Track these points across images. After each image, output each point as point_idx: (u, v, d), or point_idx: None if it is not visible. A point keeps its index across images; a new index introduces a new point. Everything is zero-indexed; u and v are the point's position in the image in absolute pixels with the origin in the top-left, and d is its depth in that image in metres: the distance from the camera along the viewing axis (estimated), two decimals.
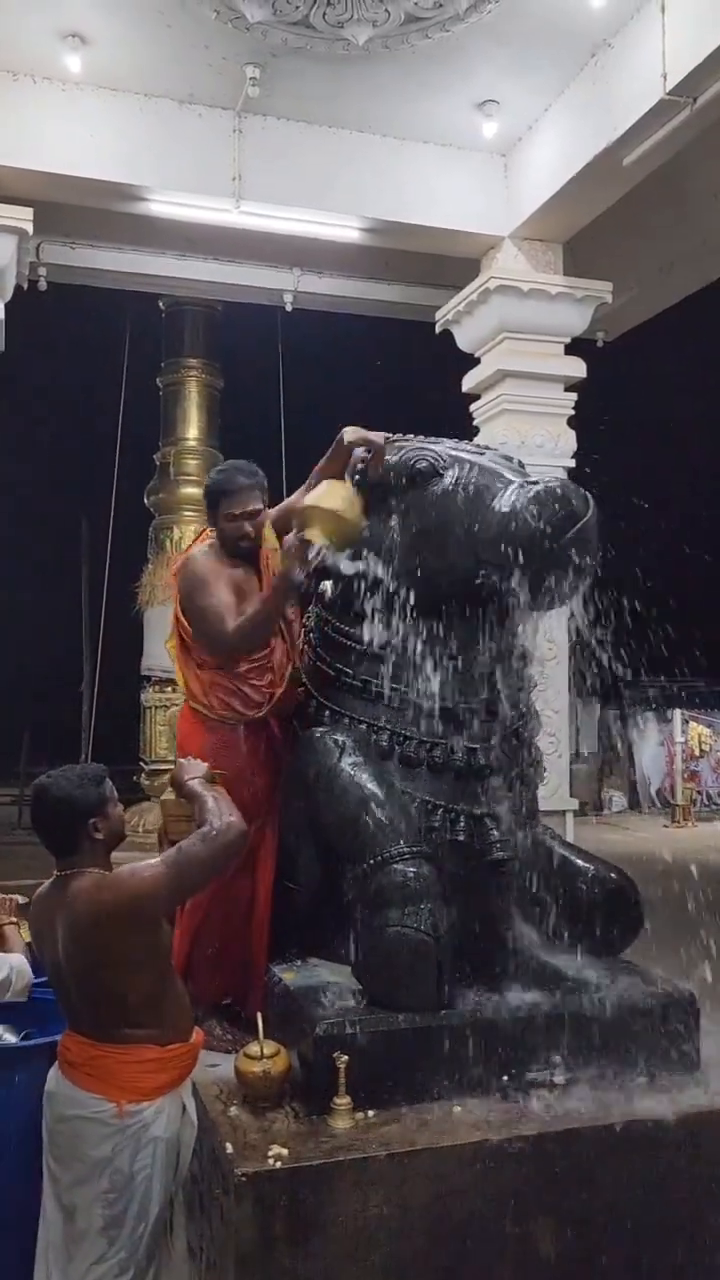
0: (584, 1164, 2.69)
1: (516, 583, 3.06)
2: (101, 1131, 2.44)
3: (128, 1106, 2.44)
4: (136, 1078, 2.47)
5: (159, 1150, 2.46)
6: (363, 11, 4.69)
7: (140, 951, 2.48)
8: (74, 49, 5.09)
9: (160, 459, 9.21)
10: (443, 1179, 2.57)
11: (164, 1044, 2.50)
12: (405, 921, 2.85)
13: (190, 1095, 2.61)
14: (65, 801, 2.58)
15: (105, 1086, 2.47)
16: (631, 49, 4.90)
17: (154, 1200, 2.46)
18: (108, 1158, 2.43)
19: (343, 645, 3.40)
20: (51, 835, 2.63)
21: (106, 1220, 2.44)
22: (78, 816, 2.58)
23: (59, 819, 2.59)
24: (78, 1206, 2.46)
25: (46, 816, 2.61)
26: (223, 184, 5.66)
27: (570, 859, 3.37)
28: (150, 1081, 2.47)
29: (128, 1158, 2.43)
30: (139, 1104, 2.45)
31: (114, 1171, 2.43)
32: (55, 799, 2.59)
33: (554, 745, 5.99)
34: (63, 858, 2.61)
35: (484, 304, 6.13)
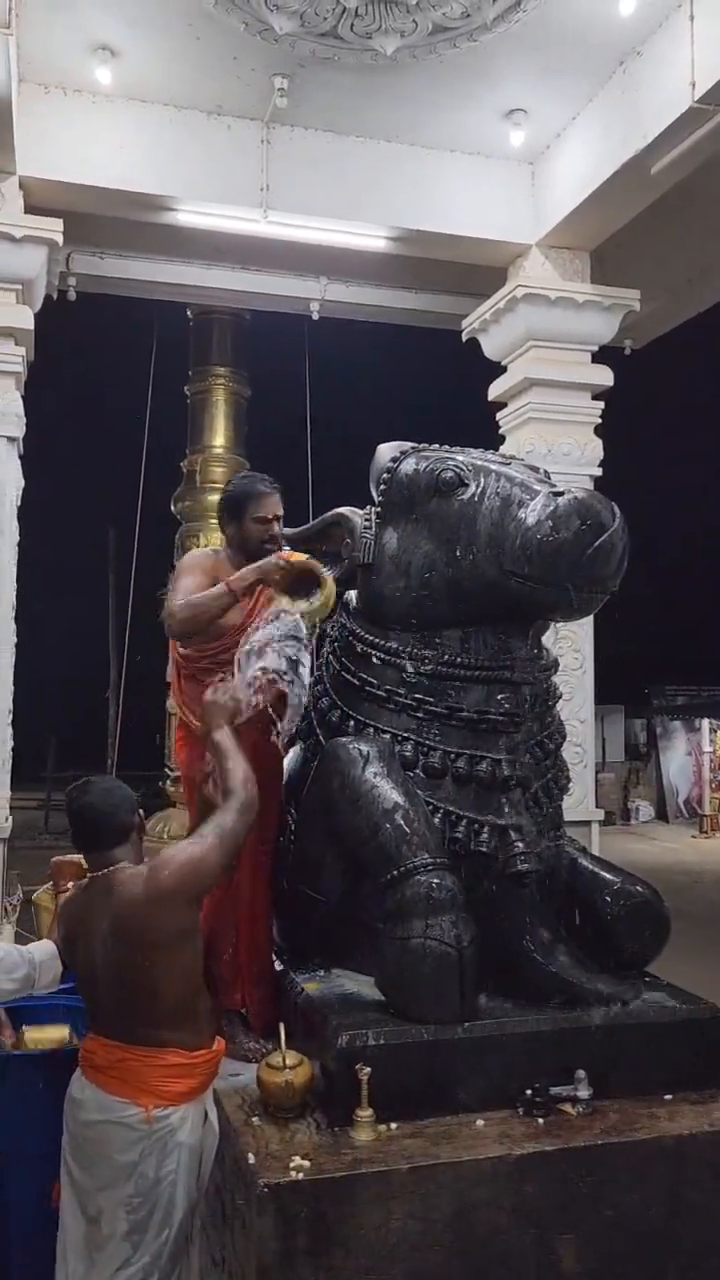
0: (608, 1180, 2.66)
1: (542, 593, 3.06)
2: (129, 1136, 2.45)
3: (155, 1111, 2.45)
4: (164, 1082, 2.48)
5: (184, 1156, 2.47)
6: (391, 22, 4.71)
7: (183, 937, 2.51)
8: (104, 61, 5.15)
9: (187, 466, 9.26)
10: (465, 1193, 2.56)
11: (191, 1049, 2.51)
12: (429, 933, 2.83)
13: (212, 1103, 2.61)
14: (104, 806, 2.62)
15: (133, 1091, 2.49)
16: (660, 57, 4.88)
17: (178, 1206, 2.47)
18: (134, 1163, 2.44)
19: (366, 654, 3.39)
20: (88, 839, 2.65)
21: (131, 1225, 2.44)
22: (114, 821, 2.61)
23: (96, 823, 2.62)
24: (103, 1211, 2.47)
25: (85, 820, 2.64)
26: (251, 194, 5.69)
27: (596, 871, 3.34)
28: (177, 1086, 2.48)
29: (154, 1163, 2.44)
30: (166, 1109, 2.46)
31: (139, 1177, 2.44)
32: (98, 798, 2.64)
33: (579, 755, 5.96)
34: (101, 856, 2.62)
35: (511, 312, 6.13)
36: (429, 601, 3.27)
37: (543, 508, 3.02)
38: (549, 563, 2.98)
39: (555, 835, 3.32)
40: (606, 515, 2.98)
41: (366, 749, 3.19)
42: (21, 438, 5.55)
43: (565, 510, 2.98)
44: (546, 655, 3.40)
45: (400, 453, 3.47)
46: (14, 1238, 3.01)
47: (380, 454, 3.53)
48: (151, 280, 6.78)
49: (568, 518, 2.96)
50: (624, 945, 3.20)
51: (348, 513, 3.60)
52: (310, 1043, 2.92)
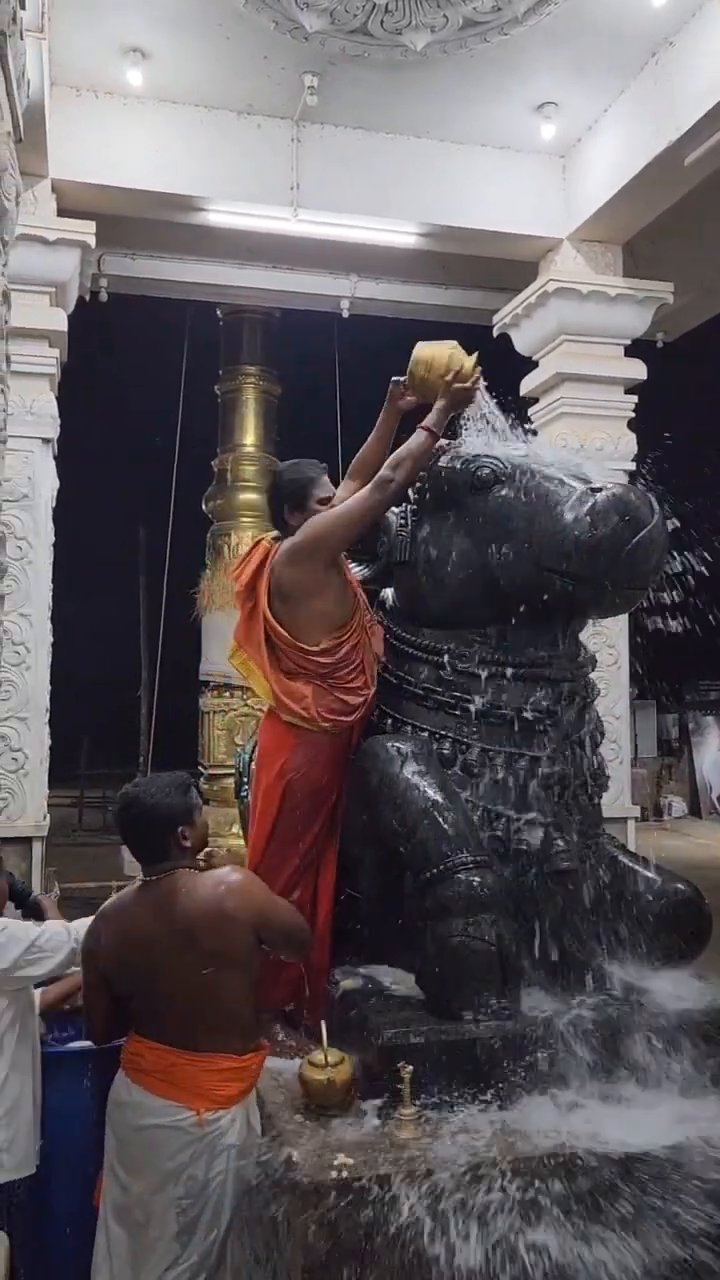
0: (654, 1177, 2.64)
1: (581, 590, 3.04)
2: (180, 1140, 2.47)
3: (206, 1115, 2.47)
4: (216, 1086, 2.50)
5: (232, 1157, 2.50)
6: (421, 17, 4.69)
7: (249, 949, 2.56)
8: (135, 63, 5.17)
9: (218, 465, 9.29)
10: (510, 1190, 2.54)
11: (240, 1054, 2.54)
12: (469, 931, 2.83)
13: (254, 1105, 2.63)
14: (155, 810, 2.63)
15: (184, 1094, 2.50)
16: (693, 47, 4.83)
17: (226, 1207, 2.49)
18: (184, 1165, 2.46)
19: (404, 652, 3.40)
20: (141, 843, 2.67)
21: (181, 1226, 2.46)
22: (167, 825, 2.62)
23: (149, 827, 2.64)
24: (152, 1215, 2.48)
25: (136, 825, 2.66)
26: (281, 193, 5.70)
27: (636, 869, 3.32)
28: (228, 1090, 2.51)
29: (204, 1165, 2.46)
30: (216, 1112, 2.48)
31: (190, 1179, 2.46)
32: (145, 808, 2.64)
33: (615, 752, 5.92)
34: (152, 865, 2.64)
35: (542, 307, 6.09)
36: (466, 599, 3.26)
37: (581, 503, 3.01)
38: (587, 559, 2.97)
39: (595, 833, 3.31)
40: (646, 511, 2.96)
41: (405, 747, 3.19)
42: (55, 439, 5.59)
43: (604, 506, 2.96)
44: (584, 652, 3.38)
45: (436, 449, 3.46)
46: (58, 1231, 3.04)
47: None
48: (182, 280, 6.79)
49: (606, 513, 2.95)
50: (666, 942, 3.17)
51: None
52: (351, 1040, 2.92)
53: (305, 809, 3.30)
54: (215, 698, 9.05)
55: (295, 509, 3.44)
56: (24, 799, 5.25)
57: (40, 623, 5.42)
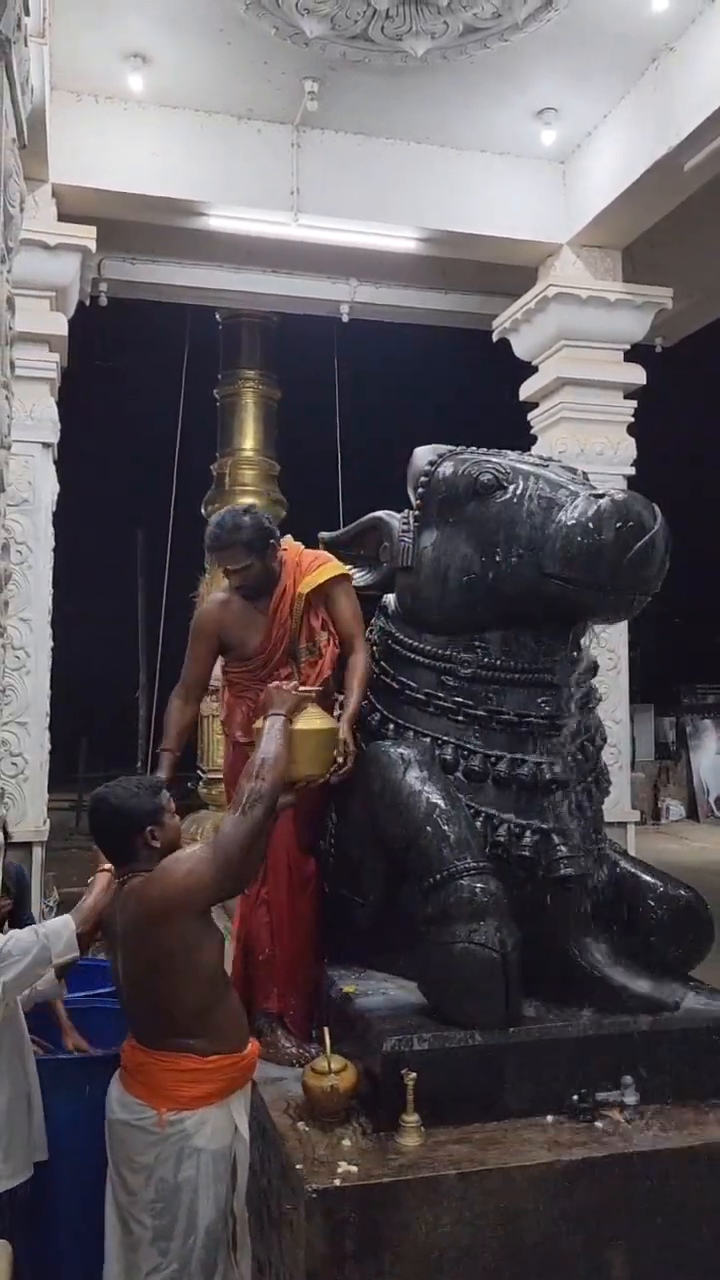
0: (658, 1187, 2.65)
1: (583, 596, 3.04)
2: (145, 1139, 2.47)
3: (167, 1115, 2.46)
4: (176, 1086, 2.48)
5: (204, 1161, 2.46)
6: (421, 24, 4.69)
7: (188, 948, 2.49)
8: (135, 68, 5.17)
9: (217, 470, 9.28)
10: (513, 1199, 2.55)
11: (203, 1054, 2.49)
12: (472, 937, 2.83)
13: (242, 1109, 2.59)
14: (122, 811, 2.64)
15: (149, 1093, 2.51)
16: (693, 53, 4.84)
17: (201, 1213, 2.46)
18: (151, 1166, 2.46)
19: (406, 658, 3.40)
20: (109, 843, 2.70)
21: (156, 1231, 2.46)
22: (134, 825, 2.63)
23: (116, 827, 2.65)
24: (132, 1214, 2.49)
25: (105, 825, 2.68)
26: (281, 198, 5.70)
27: (638, 874, 3.32)
28: (191, 1091, 2.48)
29: (171, 1168, 2.45)
30: (179, 1113, 2.46)
31: (159, 1181, 2.45)
32: (113, 808, 2.65)
33: (615, 756, 5.91)
34: (122, 865, 2.66)
35: (542, 312, 6.10)
36: (468, 604, 3.26)
37: (583, 510, 3.01)
38: (589, 565, 2.97)
39: (597, 838, 3.31)
40: (648, 517, 2.97)
41: (407, 753, 3.19)
42: (56, 444, 5.59)
43: (606, 512, 2.96)
44: (586, 658, 3.38)
45: (438, 455, 3.46)
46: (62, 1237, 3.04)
47: (417, 457, 3.52)
48: (182, 285, 6.79)
49: (608, 520, 2.95)
50: (668, 949, 3.17)
51: (385, 516, 3.61)
52: (354, 1047, 2.92)
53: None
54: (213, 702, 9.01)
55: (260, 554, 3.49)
56: (24, 804, 5.24)
57: (40, 627, 5.41)
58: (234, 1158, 2.57)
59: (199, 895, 2.48)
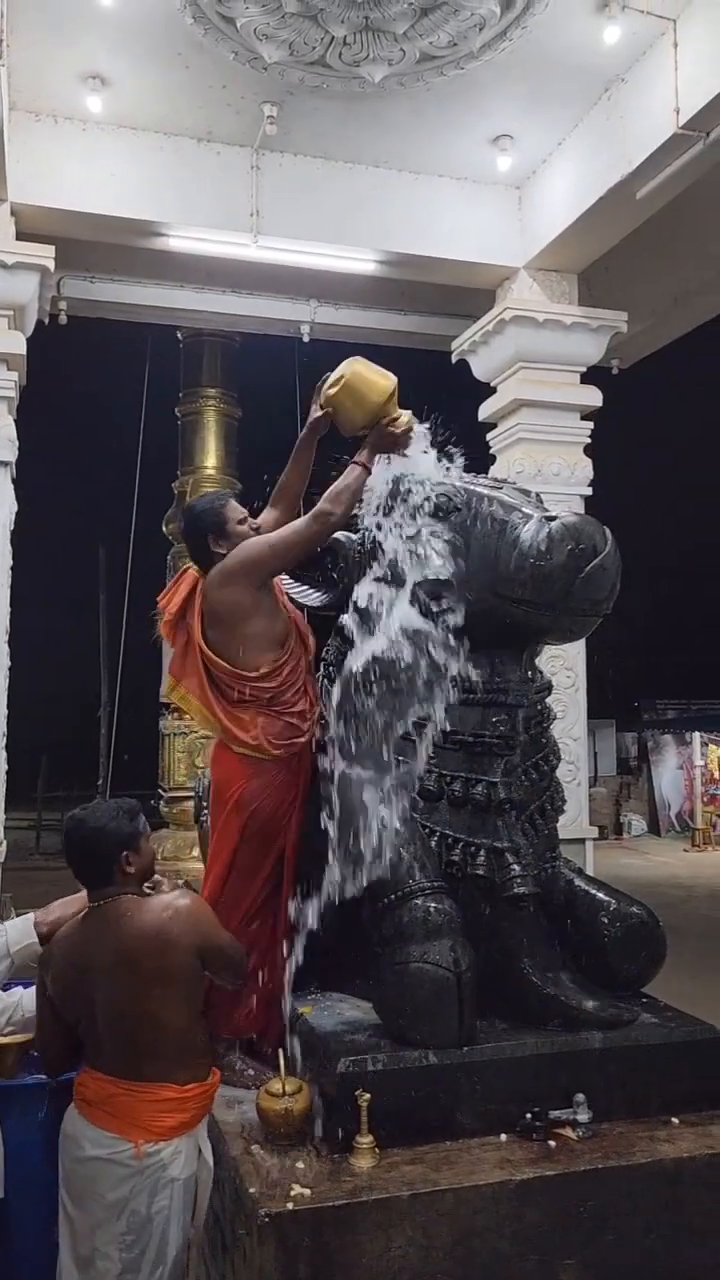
0: (609, 1205, 2.66)
1: (536, 617, 3.08)
2: (120, 1173, 2.43)
3: (145, 1147, 2.43)
4: (155, 1117, 2.46)
5: (176, 1191, 2.45)
6: (378, 51, 4.75)
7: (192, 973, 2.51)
8: (95, 90, 5.19)
9: (178, 488, 9.28)
10: (466, 1219, 2.55)
11: (183, 1084, 2.49)
12: (426, 957, 2.84)
13: (205, 1136, 2.58)
14: (99, 834, 2.60)
15: (124, 1126, 2.46)
16: (644, 84, 4.95)
17: (171, 1243, 2.44)
18: (125, 1199, 2.42)
19: None
20: (84, 868, 2.64)
21: (124, 1264, 2.42)
22: (111, 850, 2.59)
23: (93, 852, 2.60)
24: (96, 1250, 2.44)
25: (81, 849, 2.63)
26: (241, 219, 5.74)
27: (592, 892, 3.34)
28: (168, 1121, 2.46)
29: (145, 1199, 2.42)
30: (156, 1144, 2.44)
31: (131, 1214, 2.41)
32: (90, 831, 2.61)
33: (573, 773, 5.97)
34: (95, 891, 2.62)
35: (499, 334, 6.18)
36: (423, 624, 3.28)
37: (535, 531, 3.04)
38: (542, 586, 3.00)
39: (551, 856, 3.34)
40: (599, 538, 3.01)
41: (362, 772, 3.20)
42: (14, 462, 5.57)
43: (558, 534, 3.00)
44: (540, 677, 3.41)
45: (392, 477, 3.49)
46: (19, 1269, 2.99)
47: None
48: (143, 304, 6.80)
49: (561, 541, 2.99)
50: (621, 966, 3.20)
51: (340, 537, 3.62)
52: (309, 1068, 2.92)
53: (263, 839, 3.28)
54: (176, 719, 9.00)
55: (219, 537, 3.34)
56: None
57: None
58: (197, 1184, 2.56)
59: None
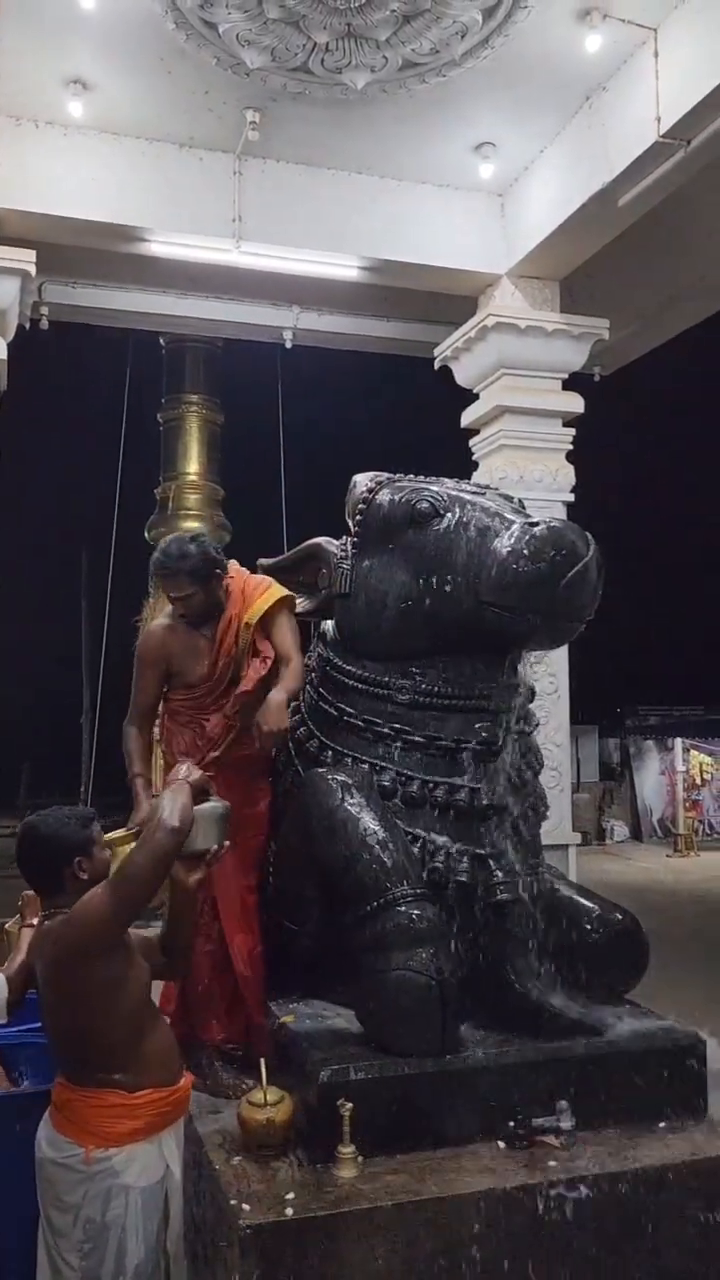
0: (592, 1212, 2.66)
1: (519, 623, 3.08)
2: (71, 1178, 2.40)
3: (94, 1153, 2.39)
4: (102, 1123, 2.41)
5: (132, 1200, 2.39)
6: (361, 57, 4.75)
7: (105, 986, 2.42)
8: (76, 95, 5.16)
9: (161, 494, 9.25)
10: (450, 1229, 2.55)
11: (131, 1090, 2.44)
12: (409, 965, 2.84)
13: (173, 1145, 2.52)
14: (50, 840, 2.56)
15: (76, 1130, 2.43)
16: (626, 92, 4.96)
17: (129, 1253, 2.39)
18: (78, 1205, 2.38)
19: (344, 684, 3.41)
20: (35, 874, 2.60)
21: (84, 1272, 2.37)
22: (61, 856, 2.54)
23: (43, 857, 2.56)
24: (61, 1256, 2.42)
25: (31, 855, 2.59)
26: (223, 225, 5.72)
27: (575, 898, 3.35)
28: (116, 1127, 2.41)
29: (99, 1207, 2.37)
30: (106, 1150, 2.39)
31: (86, 1221, 2.38)
32: (40, 837, 2.57)
33: (555, 779, 5.96)
34: (48, 898, 2.59)
35: (482, 341, 6.18)
36: (406, 631, 3.28)
37: (517, 538, 3.05)
38: (524, 593, 3.01)
39: (534, 862, 3.34)
40: (581, 545, 3.01)
41: (345, 779, 3.20)
42: None
43: (540, 540, 3.01)
44: (523, 683, 3.42)
45: (375, 483, 3.50)
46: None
47: (355, 484, 3.55)
48: (124, 309, 6.77)
49: (543, 548, 2.99)
50: (604, 973, 3.21)
51: (324, 543, 3.62)
52: (291, 1077, 2.90)
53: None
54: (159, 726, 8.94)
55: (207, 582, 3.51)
56: None
57: None
58: (165, 1195, 2.52)
59: (103, 933, 2.41)
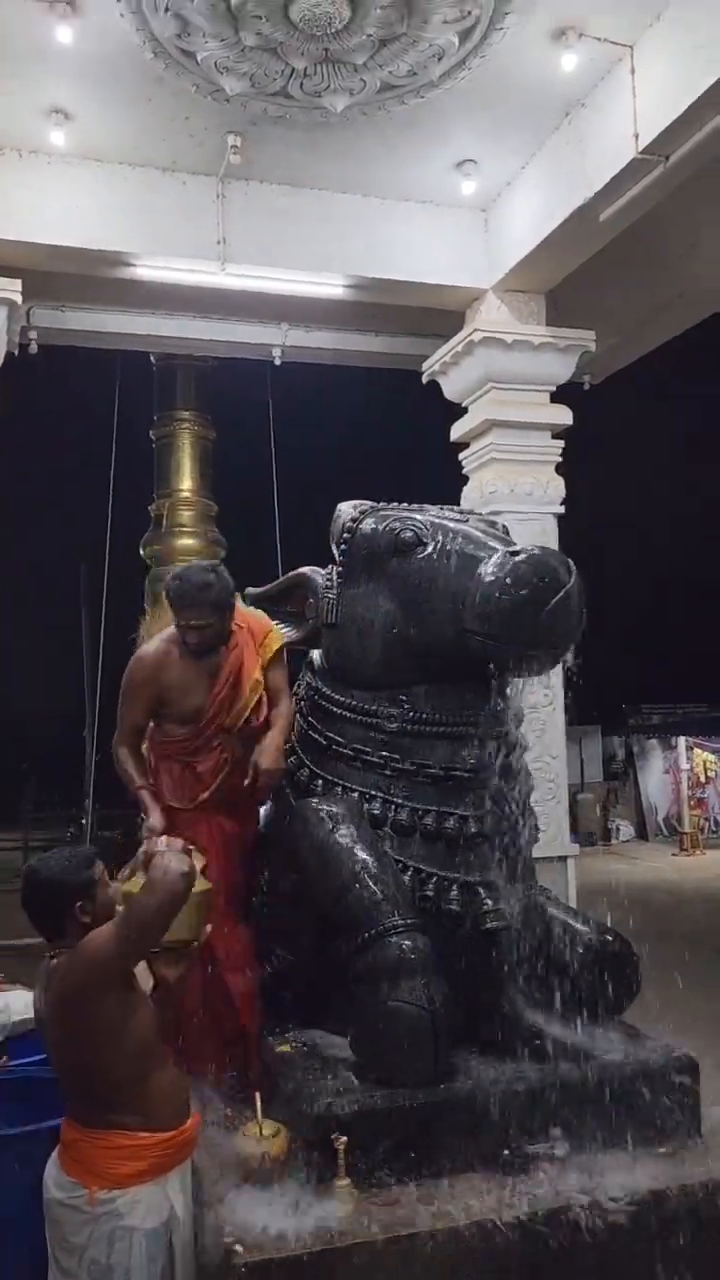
0: (587, 1240, 2.67)
1: (502, 651, 3.10)
2: (77, 1219, 2.42)
3: (99, 1194, 2.41)
4: (108, 1164, 2.44)
5: (136, 1242, 2.41)
6: (339, 81, 4.77)
7: (111, 1024, 2.44)
8: (58, 124, 5.18)
9: (154, 511, 9.28)
10: (446, 1261, 2.56)
11: (136, 1130, 2.46)
12: (401, 995, 2.85)
13: (178, 1188, 2.54)
14: (53, 884, 2.59)
15: (81, 1171, 2.46)
16: (604, 109, 4.98)
17: None
18: (84, 1246, 2.41)
19: (333, 713, 3.43)
20: (39, 917, 2.63)
21: None
22: (65, 899, 2.57)
23: (47, 901, 2.59)
24: None
25: (35, 898, 2.62)
26: (208, 247, 5.74)
27: (566, 921, 3.37)
28: (121, 1169, 2.43)
29: (104, 1249, 2.40)
30: (110, 1192, 2.41)
31: (91, 1262, 2.40)
32: (42, 881, 2.60)
33: (552, 791, 5.99)
34: (52, 941, 2.62)
35: (469, 355, 6.20)
36: (392, 660, 3.31)
37: (499, 566, 3.07)
38: (507, 621, 3.03)
39: (526, 886, 3.36)
40: (563, 573, 3.03)
41: (335, 809, 3.22)
42: None
43: (522, 568, 3.03)
44: (511, 708, 3.44)
45: (359, 512, 3.52)
46: None
47: (340, 513, 3.58)
48: (113, 332, 6.79)
49: (525, 576, 3.01)
50: (597, 996, 3.22)
51: (309, 572, 3.65)
52: (286, 1108, 2.93)
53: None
54: None
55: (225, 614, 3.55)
56: None
57: None
58: (170, 1238, 2.53)
59: (109, 971, 2.43)
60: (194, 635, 3.51)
